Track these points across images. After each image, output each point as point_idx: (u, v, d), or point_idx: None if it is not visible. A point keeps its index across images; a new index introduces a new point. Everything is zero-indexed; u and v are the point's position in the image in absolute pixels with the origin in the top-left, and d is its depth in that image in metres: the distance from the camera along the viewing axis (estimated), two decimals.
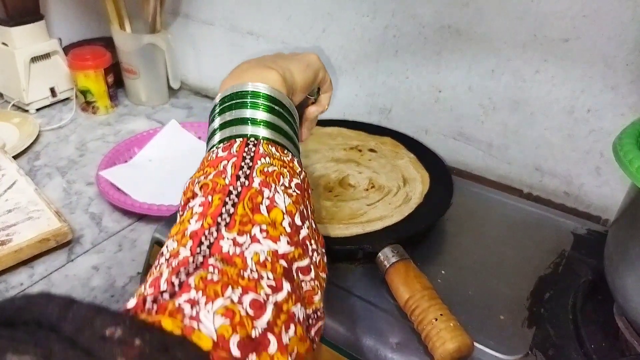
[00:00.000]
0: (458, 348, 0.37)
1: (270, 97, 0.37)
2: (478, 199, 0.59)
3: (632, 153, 0.34)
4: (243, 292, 0.25)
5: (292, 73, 0.41)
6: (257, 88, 0.37)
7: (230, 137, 0.36)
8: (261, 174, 0.32)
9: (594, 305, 0.45)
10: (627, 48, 0.51)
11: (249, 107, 0.37)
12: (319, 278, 0.32)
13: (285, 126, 0.38)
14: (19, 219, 0.60)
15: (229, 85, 0.39)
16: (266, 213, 0.30)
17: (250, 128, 0.36)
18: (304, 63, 0.43)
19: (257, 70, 0.39)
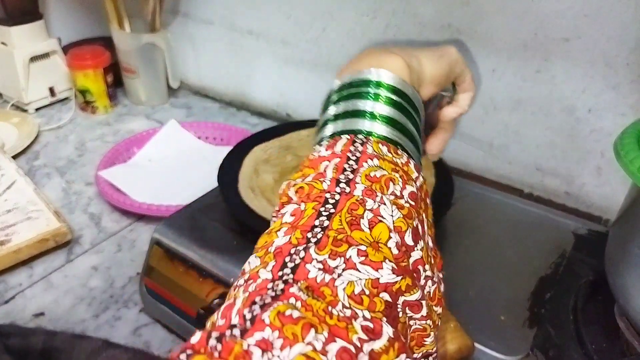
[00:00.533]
0: (458, 349, 0.37)
1: (394, 88, 0.32)
2: (478, 199, 0.59)
3: (633, 153, 0.34)
4: (329, 338, 0.20)
5: (421, 62, 0.35)
6: (380, 76, 0.32)
7: (342, 131, 0.31)
8: (367, 179, 0.27)
9: (594, 305, 0.44)
10: (628, 47, 0.51)
11: (370, 98, 0.32)
12: (433, 314, 0.27)
13: (407, 122, 0.32)
14: (18, 219, 0.60)
15: (349, 71, 0.35)
16: (368, 229, 0.25)
17: (368, 123, 0.31)
18: (436, 53, 0.37)
19: (380, 56, 0.34)
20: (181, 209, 0.53)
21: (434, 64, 0.36)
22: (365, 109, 0.31)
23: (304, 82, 0.81)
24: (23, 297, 0.53)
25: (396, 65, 0.33)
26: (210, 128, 0.82)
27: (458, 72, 0.39)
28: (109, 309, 0.52)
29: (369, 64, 0.34)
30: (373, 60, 0.34)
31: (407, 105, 0.33)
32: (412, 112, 0.33)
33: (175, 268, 0.48)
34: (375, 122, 0.31)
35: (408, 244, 0.26)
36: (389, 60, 0.33)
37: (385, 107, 0.32)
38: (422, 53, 0.36)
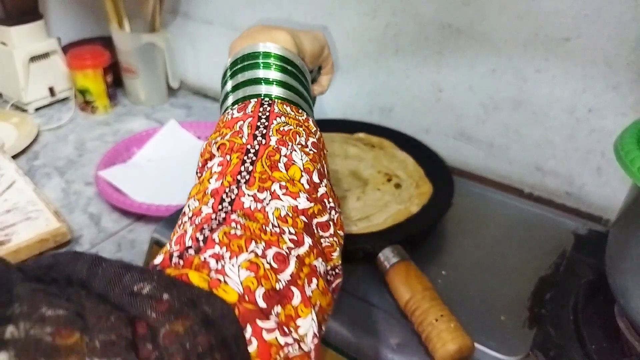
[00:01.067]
0: (459, 349, 0.37)
1: (282, 57, 0.37)
2: (479, 199, 0.59)
3: (633, 153, 0.34)
4: (266, 246, 0.26)
5: (301, 39, 0.40)
6: (268, 48, 0.37)
7: (244, 97, 0.35)
8: (277, 132, 0.32)
9: (595, 305, 0.44)
10: (628, 47, 0.51)
11: (261, 67, 0.36)
12: (337, 235, 0.32)
13: (299, 86, 0.37)
14: (17, 219, 0.60)
15: (239, 47, 0.39)
16: (284, 170, 0.31)
17: (264, 87, 0.35)
18: (311, 34, 0.42)
19: (267, 31, 0.38)
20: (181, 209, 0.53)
21: (311, 43, 0.42)
22: (260, 76, 0.36)
23: None
24: None
25: (283, 38, 0.38)
26: (210, 128, 0.82)
27: (325, 55, 0.45)
28: None
29: (258, 39, 0.38)
30: (261, 35, 0.38)
31: (296, 71, 0.37)
32: (301, 77, 0.38)
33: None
34: (271, 86, 0.36)
35: (315, 182, 0.32)
36: (276, 34, 0.38)
37: (276, 73, 0.36)
38: (301, 33, 0.41)
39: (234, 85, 0.37)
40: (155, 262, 0.25)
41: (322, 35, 0.44)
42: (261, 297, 0.23)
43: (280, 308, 0.24)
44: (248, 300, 0.23)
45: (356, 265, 0.48)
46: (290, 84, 0.36)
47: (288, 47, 0.38)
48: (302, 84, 0.38)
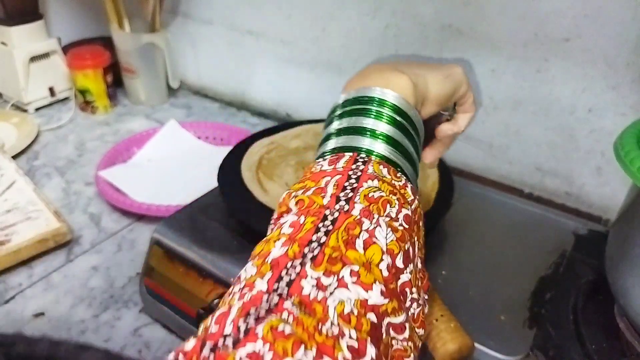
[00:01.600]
0: (459, 349, 0.37)
1: (395, 107, 0.33)
2: (479, 199, 0.59)
3: (633, 153, 0.34)
4: (317, 356, 0.21)
5: (427, 82, 0.36)
6: (384, 95, 0.33)
7: (343, 147, 0.32)
8: (365, 199, 0.28)
9: (595, 305, 0.44)
10: (628, 47, 0.51)
11: (372, 116, 0.32)
12: (414, 336, 0.27)
13: (408, 143, 0.33)
14: (17, 219, 0.60)
15: (354, 87, 0.35)
16: (362, 250, 0.25)
17: (368, 141, 0.31)
18: (443, 73, 0.37)
19: (386, 74, 0.34)
20: (181, 209, 0.53)
21: (439, 85, 0.37)
22: (367, 126, 0.32)
23: (304, 82, 0.81)
24: (23, 297, 0.53)
25: (402, 85, 0.34)
26: (210, 128, 0.82)
27: (461, 93, 0.39)
28: (109, 309, 0.52)
29: (375, 81, 0.34)
30: (379, 77, 0.34)
31: (409, 126, 0.33)
32: (413, 134, 0.34)
33: (175, 268, 0.48)
34: (376, 140, 0.31)
35: (398, 267, 0.26)
36: (395, 79, 0.34)
37: (386, 126, 0.32)
38: (429, 72, 0.36)
39: (338, 129, 0.33)
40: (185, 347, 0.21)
41: (459, 71, 0.38)
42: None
43: None
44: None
45: None
46: (399, 141, 0.32)
47: (406, 97, 0.33)
48: (413, 142, 0.33)
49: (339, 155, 0.31)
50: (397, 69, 0.35)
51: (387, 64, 0.36)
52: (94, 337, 0.49)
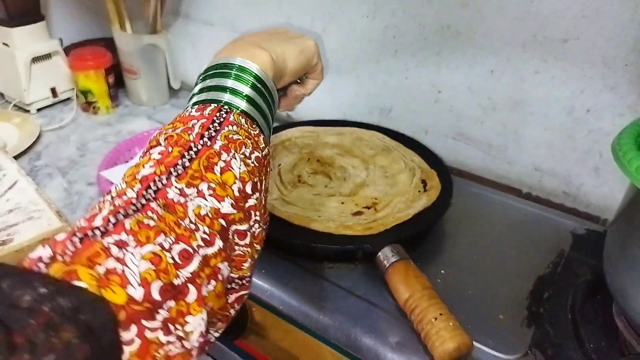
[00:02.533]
0: (457, 347, 0.37)
1: (256, 76, 0.38)
2: (477, 199, 0.60)
3: (631, 153, 0.34)
4: (175, 241, 0.26)
5: (285, 58, 0.41)
6: (245, 64, 0.38)
7: (206, 100, 0.36)
8: (225, 139, 0.33)
9: (593, 305, 0.45)
10: (626, 48, 0.51)
11: (232, 78, 0.37)
12: (253, 247, 0.33)
13: (263, 104, 0.38)
14: (19, 219, 0.60)
15: (217, 58, 0.40)
16: (219, 174, 0.31)
17: (228, 96, 0.36)
18: (298, 48, 0.43)
19: (249, 48, 0.39)
20: None
21: (295, 59, 0.42)
22: (228, 85, 0.37)
23: None
24: None
25: (263, 59, 0.39)
26: None
27: (314, 63, 0.45)
28: None
29: (240, 54, 0.39)
30: (244, 51, 0.39)
31: (265, 92, 0.38)
32: (268, 98, 0.39)
33: None
34: (236, 96, 0.36)
35: (247, 192, 0.32)
36: (258, 54, 0.39)
37: (246, 87, 0.37)
38: (287, 48, 0.42)
39: (202, 87, 0.38)
40: (57, 237, 0.24)
41: (311, 44, 0.45)
42: (157, 291, 0.24)
43: (173, 303, 0.25)
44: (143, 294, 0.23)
45: (356, 265, 0.48)
46: (256, 101, 0.37)
47: (265, 69, 0.39)
48: (268, 104, 0.39)
49: (206, 105, 0.35)
50: (260, 46, 0.40)
51: (250, 39, 0.41)
52: None
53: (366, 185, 0.57)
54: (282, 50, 0.41)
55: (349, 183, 0.57)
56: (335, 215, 0.52)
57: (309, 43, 0.45)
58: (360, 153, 0.63)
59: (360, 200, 0.54)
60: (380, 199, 0.54)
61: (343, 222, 0.50)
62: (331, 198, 0.55)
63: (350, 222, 0.50)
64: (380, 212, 0.52)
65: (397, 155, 0.62)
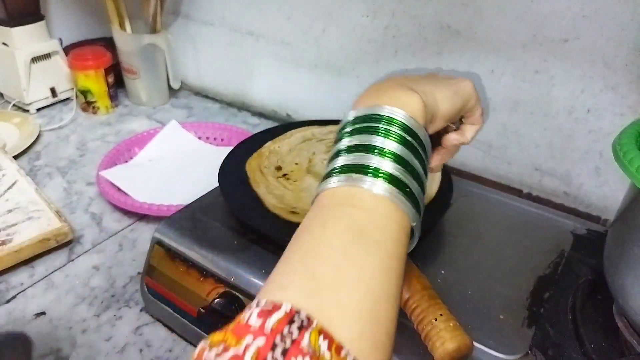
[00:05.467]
0: (458, 348, 0.37)
1: (405, 127, 0.33)
2: (478, 199, 0.59)
3: (631, 153, 0.34)
4: None
5: (436, 99, 0.36)
6: (393, 113, 0.33)
7: (352, 166, 0.31)
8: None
9: (593, 305, 0.45)
10: (626, 48, 0.51)
11: (380, 134, 0.32)
12: None
13: (415, 161, 0.33)
14: (19, 218, 0.60)
15: (365, 104, 0.35)
16: None
17: (377, 160, 0.31)
18: (452, 89, 0.38)
19: (397, 92, 0.35)
20: (182, 209, 0.54)
21: (449, 102, 0.37)
22: (376, 144, 0.32)
23: (304, 82, 0.81)
24: (24, 296, 0.54)
25: (412, 104, 0.34)
26: (210, 128, 0.83)
27: (470, 107, 0.40)
28: (110, 308, 0.52)
29: (386, 99, 0.34)
30: (391, 95, 0.34)
31: (417, 145, 0.33)
32: (421, 152, 0.34)
33: (176, 267, 0.48)
34: (384, 158, 0.31)
35: None
36: (406, 98, 0.34)
37: (395, 144, 0.32)
38: (438, 89, 0.37)
39: (349, 146, 0.33)
40: None
41: (469, 86, 0.39)
42: None
43: None
44: None
45: None
46: (407, 160, 0.32)
47: (416, 116, 0.33)
48: (420, 160, 0.33)
49: (274, 306, 0.24)
50: (409, 87, 0.35)
51: (398, 80, 0.36)
52: (95, 336, 0.49)
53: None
54: (433, 90, 0.36)
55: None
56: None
57: (464, 84, 0.39)
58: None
59: None
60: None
61: None
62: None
63: None
64: None
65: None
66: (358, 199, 0.30)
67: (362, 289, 0.26)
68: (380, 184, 0.30)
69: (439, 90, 0.37)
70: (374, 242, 0.28)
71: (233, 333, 0.23)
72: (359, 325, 0.25)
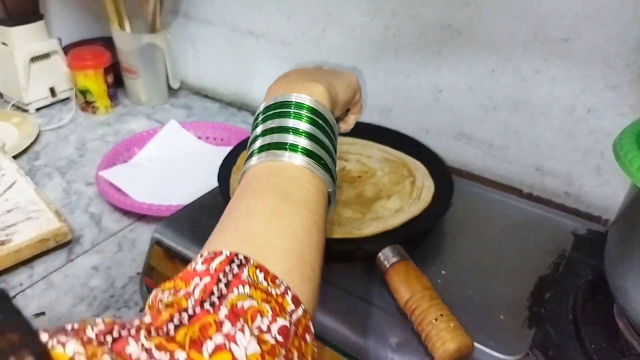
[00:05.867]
0: (458, 348, 0.37)
1: (314, 110, 0.37)
2: (478, 199, 0.59)
3: (632, 153, 0.34)
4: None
5: (336, 90, 0.41)
6: (302, 99, 0.38)
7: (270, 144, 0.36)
8: (232, 308, 0.25)
9: (594, 305, 0.45)
10: (627, 48, 0.51)
11: (292, 117, 0.37)
12: None
13: (326, 140, 0.37)
14: (18, 219, 0.60)
15: (275, 93, 0.40)
16: (207, 354, 0.22)
17: (292, 137, 0.36)
18: (346, 82, 0.44)
19: (304, 82, 0.39)
20: (181, 209, 0.53)
21: (344, 92, 0.43)
22: (289, 125, 0.36)
23: None
24: (24, 296, 0.54)
25: (320, 92, 0.39)
26: (210, 128, 0.83)
27: (357, 98, 0.46)
28: (109, 308, 0.52)
29: (294, 88, 0.39)
30: (297, 85, 0.39)
31: (326, 125, 0.38)
32: (329, 132, 0.38)
33: (175, 268, 0.48)
34: (299, 137, 0.36)
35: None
36: (313, 87, 0.39)
37: (307, 125, 0.37)
38: (337, 81, 0.42)
39: (264, 130, 0.37)
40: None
41: (355, 79, 0.45)
42: None
43: None
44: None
45: (356, 265, 0.48)
46: (319, 138, 0.36)
47: (322, 101, 0.38)
48: (330, 138, 0.38)
49: (216, 253, 0.28)
50: (313, 78, 0.40)
51: (301, 73, 0.41)
52: None
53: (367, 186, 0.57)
54: (333, 81, 0.41)
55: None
56: (335, 217, 0.51)
57: (353, 78, 0.45)
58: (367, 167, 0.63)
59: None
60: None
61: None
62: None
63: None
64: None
65: (397, 164, 0.61)
66: (282, 169, 0.35)
67: (290, 236, 0.31)
68: (298, 157, 0.35)
69: (337, 82, 0.42)
70: (298, 200, 0.33)
71: (182, 279, 0.27)
72: (289, 262, 0.30)
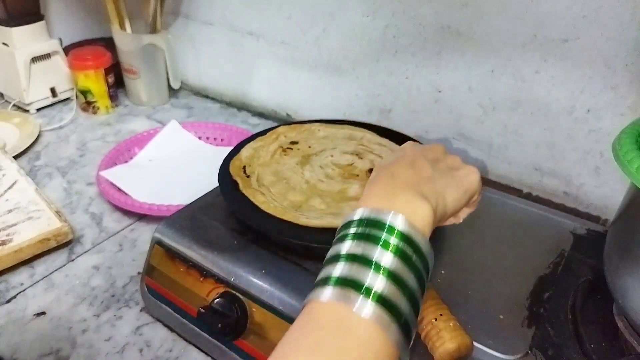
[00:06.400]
0: (458, 348, 0.37)
1: (406, 237, 0.31)
2: None
3: (631, 153, 0.34)
4: None
5: (446, 201, 0.36)
6: (395, 223, 0.32)
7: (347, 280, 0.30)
8: None
9: (593, 305, 0.45)
10: (626, 48, 0.51)
11: (380, 244, 0.31)
12: None
13: (412, 280, 0.31)
14: (19, 219, 0.60)
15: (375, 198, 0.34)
16: None
17: (370, 275, 0.30)
18: (463, 187, 0.38)
19: (408, 196, 0.34)
20: (182, 209, 0.54)
21: (458, 201, 0.37)
22: (373, 257, 0.31)
23: (304, 82, 0.81)
24: (24, 296, 0.54)
25: (422, 214, 0.33)
26: (210, 128, 0.83)
27: (474, 200, 0.41)
28: (110, 308, 0.52)
29: (394, 204, 0.33)
30: (401, 199, 0.33)
31: (417, 257, 0.32)
32: (419, 266, 0.32)
33: (176, 267, 0.48)
34: (377, 274, 0.30)
35: None
36: (418, 207, 0.33)
37: (390, 257, 0.31)
38: (450, 188, 0.37)
39: (348, 253, 0.32)
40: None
41: (476, 182, 0.39)
42: None
43: None
44: None
45: None
46: (402, 279, 0.30)
47: (421, 227, 0.32)
48: (419, 275, 0.32)
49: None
50: (420, 192, 0.34)
51: (412, 180, 0.35)
52: (95, 336, 0.49)
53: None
54: (444, 192, 0.36)
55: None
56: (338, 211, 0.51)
57: (473, 178, 0.39)
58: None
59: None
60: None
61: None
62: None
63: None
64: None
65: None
66: (349, 325, 0.29)
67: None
68: (370, 307, 0.29)
69: (450, 190, 0.37)
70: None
71: None
72: None
